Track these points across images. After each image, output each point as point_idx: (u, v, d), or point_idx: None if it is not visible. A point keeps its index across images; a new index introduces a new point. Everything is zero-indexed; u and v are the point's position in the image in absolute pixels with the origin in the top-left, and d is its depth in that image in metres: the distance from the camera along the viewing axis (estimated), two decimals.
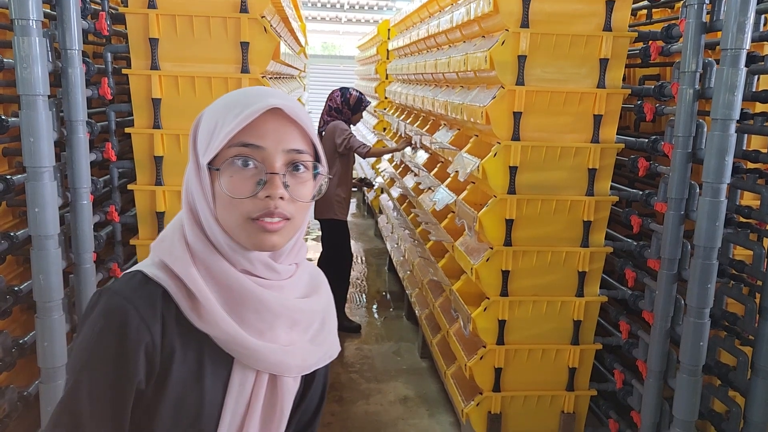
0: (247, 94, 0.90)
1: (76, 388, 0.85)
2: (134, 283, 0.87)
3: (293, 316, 0.93)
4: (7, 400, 2.23)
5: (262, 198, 0.86)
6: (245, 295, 0.88)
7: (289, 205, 0.88)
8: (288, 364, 0.92)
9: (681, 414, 2.35)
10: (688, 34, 2.29)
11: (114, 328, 0.84)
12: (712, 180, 2.18)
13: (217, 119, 0.88)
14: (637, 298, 2.70)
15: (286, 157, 0.88)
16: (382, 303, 5.11)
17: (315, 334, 0.97)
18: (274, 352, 0.90)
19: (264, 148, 0.87)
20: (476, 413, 2.88)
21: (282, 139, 0.88)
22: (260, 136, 0.87)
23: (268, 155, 0.87)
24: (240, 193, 0.86)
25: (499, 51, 2.53)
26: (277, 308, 0.90)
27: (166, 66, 2.61)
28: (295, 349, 0.93)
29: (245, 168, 0.86)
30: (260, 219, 0.86)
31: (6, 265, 2.51)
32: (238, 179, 0.86)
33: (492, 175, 2.64)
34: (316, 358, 0.96)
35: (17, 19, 2.00)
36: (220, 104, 0.91)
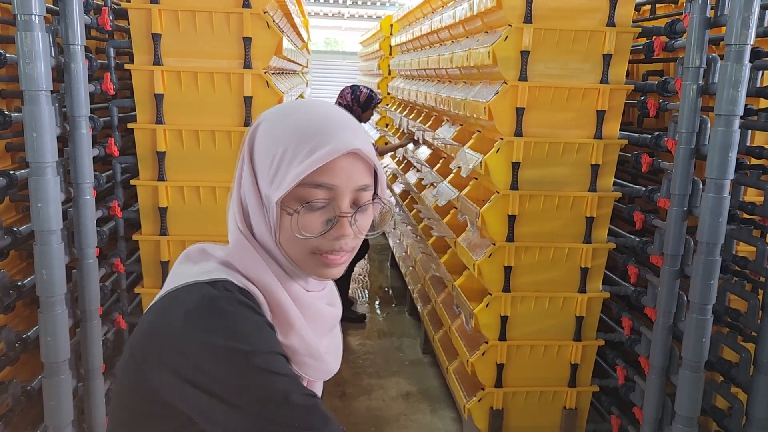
0: (319, 124, 0.85)
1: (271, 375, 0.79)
2: (233, 291, 0.84)
3: (333, 323, 0.98)
4: (10, 394, 2.24)
5: (330, 238, 0.86)
6: (310, 307, 0.91)
7: (354, 240, 0.88)
8: (333, 369, 0.97)
9: (683, 410, 2.35)
10: (692, 29, 2.29)
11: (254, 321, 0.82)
12: (716, 176, 2.17)
13: (286, 147, 0.84)
14: (640, 294, 2.70)
15: (355, 195, 0.87)
16: (385, 299, 5.12)
17: (335, 335, 1.01)
18: (330, 361, 0.95)
19: (335, 188, 0.85)
20: (478, 409, 2.89)
21: (352, 178, 0.86)
22: (333, 176, 0.84)
23: (339, 195, 0.85)
24: (309, 231, 0.85)
25: (502, 46, 2.52)
26: (331, 319, 0.96)
27: (168, 61, 2.61)
28: (334, 356, 0.98)
29: (315, 208, 0.85)
30: (326, 254, 0.87)
31: (9, 260, 2.52)
32: (307, 218, 0.85)
33: (495, 170, 2.63)
34: (339, 359, 1.01)
35: (20, 14, 2.00)
36: (289, 126, 0.86)
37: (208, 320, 0.79)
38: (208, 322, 0.79)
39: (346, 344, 4.17)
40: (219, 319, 0.79)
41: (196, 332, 0.79)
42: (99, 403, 2.53)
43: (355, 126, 0.88)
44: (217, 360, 0.78)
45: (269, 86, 2.65)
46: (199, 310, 0.80)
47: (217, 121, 2.66)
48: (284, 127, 0.86)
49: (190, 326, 0.79)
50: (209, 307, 0.80)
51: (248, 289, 0.86)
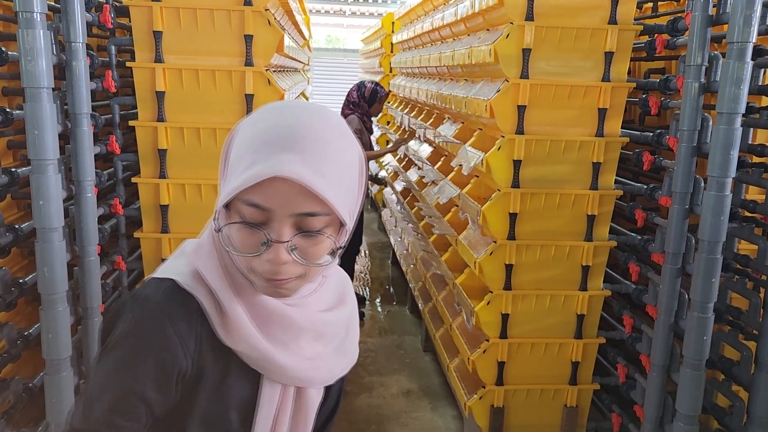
0: (272, 137, 0.79)
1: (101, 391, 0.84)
2: (171, 295, 0.85)
3: (318, 329, 0.92)
4: (12, 391, 2.24)
5: (264, 261, 0.81)
6: (270, 311, 0.87)
7: (298, 267, 0.82)
8: (313, 377, 0.92)
9: (684, 408, 2.36)
10: (694, 27, 2.28)
11: (150, 347, 0.83)
12: (717, 174, 2.17)
13: (239, 154, 0.81)
14: (641, 293, 2.69)
15: (298, 221, 0.80)
16: (386, 296, 5.12)
17: (340, 344, 0.96)
18: (301, 367, 0.90)
19: (270, 211, 0.79)
20: (479, 407, 2.89)
21: (290, 204, 0.78)
22: (266, 198, 0.78)
23: (274, 219, 0.79)
24: (244, 249, 0.81)
25: (504, 44, 2.52)
26: (302, 323, 0.89)
27: (170, 59, 2.61)
28: (321, 363, 0.92)
29: (250, 227, 0.80)
30: (266, 278, 0.83)
31: (11, 258, 2.52)
32: (244, 234, 0.81)
33: (496, 168, 2.63)
34: (340, 368, 0.97)
35: (21, 11, 2.00)
36: (252, 132, 0.82)
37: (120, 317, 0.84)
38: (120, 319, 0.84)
39: None
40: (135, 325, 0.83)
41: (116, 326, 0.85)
42: None
43: (313, 147, 0.79)
44: (99, 361, 0.85)
45: (270, 84, 2.65)
46: (128, 306, 0.85)
47: (218, 119, 2.66)
48: (250, 131, 0.82)
49: (115, 318, 0.85)
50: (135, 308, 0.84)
51: (192, 293, 0.85)
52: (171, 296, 0.85)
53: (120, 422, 0.82)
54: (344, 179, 0.82)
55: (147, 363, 0.83)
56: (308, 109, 0.83)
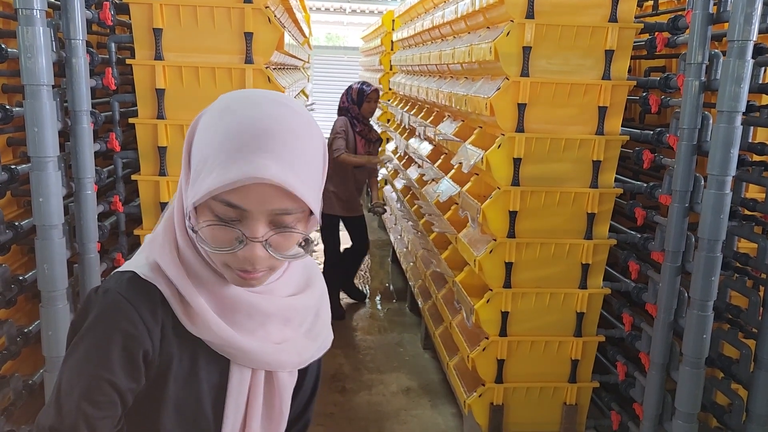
0: (246, 137, 0.79)
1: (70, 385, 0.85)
2: (134, 285, 0.87)
3: (285, 314, 0.93)
4: (12, 388, 2.25)
5: (240, 257, 0.82)
6: (235, 300, 0.88)
7: (270, 260, 0.84)
8: (282, 360, 0.93)
9: (683, 406, 2.36)
10: (694, 25, 2.28)
11: (117, 332, 0.84)
12: (717, 172, 2.17)
13: (209, 153, 0.81)
14: (641, 291, 2.70)
15: (272, 218, 0.82)
16: (385, 294, 5.12)
17: (309, 328, 0.97)
18: (268, 351, 0.91)
19: (247, 211, 0.80)
20: (478, 404, 2.89)
21: (266, 203, 0.80)
22: (243, 198, 0.79)
23: (250, 217, 0.81)
24: (219, 245, 0.82)
25: (504, 42, 2.52)
26: (268, 309, 0.91)
27: (170, 56, 2.61)
28: (289, 346, 0.93)
29: (226, 224, 0.81)
30: (238, 270, 0.84)
31: (11, 255, 2.52)
32: (217, 231, 0.82)
33: (496, 166, 2.63)
34: (311, 352, 0.97)
35: (21, 8, 2.00)
36: (221, 128, 0.81)
37: (86, 311, 0.87)
38: (86, 313, 0.86)
39: (346, 340, 4.18)
40: (101, 316, 0.85)
41: (79, 319, 0.87)
42: None
43: (285, 144, 0.80)
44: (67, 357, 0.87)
45: (270, 82, 2.65)
46: (91, 298, 0.88)
47: None
48: (218, 127, 0.82)
49: (81, 310, 0.89)
50: (97, 300, 0.86)
51: (153, 283, 0.86)
52: (133, 286, 0.86)
53: (93, 412, 0.84)
54: (312, 169, 0.84)
55: (114, 349, 0.84)
56: (272, 99, 0.84)
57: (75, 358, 0.86)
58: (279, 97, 0.85)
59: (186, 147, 0.87)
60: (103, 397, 0.84)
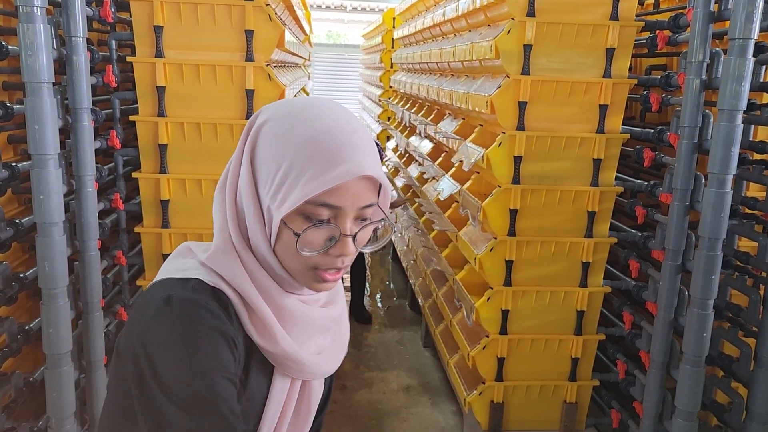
0: (331, 141, 0.82)
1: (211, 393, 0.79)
2: (201, 290, 0.84)
3: (326, 324, 0.96)
4: (12, 385, 2.25)
5: (331, 255, 0.85)
6: (293, 312, 0.90)
7: (351, 257, 0.87)
8: (323, 371, 0.96)
9: (683, 405, 2.36)
10: (695, 23, 2.28)
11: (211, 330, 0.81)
12: (718, 171, 2.17)
13: (293, 161, 0.82)
14: (641, 289, 2.70)
15: (359, 214, 0.86)
16: (386, 292, 5.13)
17: (335, 336, 1.00)
18: (314, 362, 0.93)
19: (341, 208, 0.83)
20: (478, 402, 2.90)
21: (358, 197, 0.84)
22: (339, 197, 0.82)
23: (344, 214, 0.84)
24: (310, 248, 0.84)
25: (505, 40, 2.51)
26: (317, 320, 0.94)
27: (170, 54, 2.60)
28: (326, 356, 0.96)
29: (318, 225, 0.83)
30: (324, 270, 0.87)
31: (11, 252, 2.52)
32: (310, 235, 0.83)
33: (496, 164, 2.63)
34: (339, 359, 1.00)
35: (22, 5, 2.00)
36: (297, 136, 0.82)
37: (171, 322, 0.80)
38: (171, 324, 0.80)
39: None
40: (181, 323, 0.80)
41: (160, 331, 0.80)
42: (101, 395, 2.54)
43: (366, 143, 0.86)
44: (167, 365, 0.79)
45: (271, 79, 2.64)
46: (166, 308, 0.81)
47: (218, 114, 2.66)
48: (292, 136, 0.83)
49: (155, 324, 0.81)
50: (176, 306, 0.81)
51: (220, 288, 0.85)
52: (203, 292, 0.84)
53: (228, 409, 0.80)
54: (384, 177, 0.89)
55: (215, 346, 0.81)
56: (333, 108, 0.87)
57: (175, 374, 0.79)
58: (334, 104, 0.89)
59: (248, 157, 0.86)
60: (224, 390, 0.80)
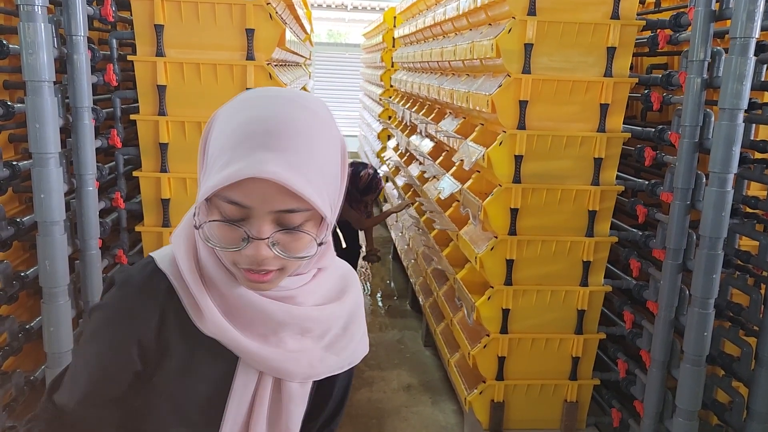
0: (249, 133, 0.78)
1: (76, 368, 0.93)
2: (145, 273, 0.89)
3: (303, 324, 0.90)
4: (13, 384, 2.25)
5: (246, 255, 0.80)
6: (245, 303, 0.87)
7: (278, 260, 0.82)
8: (291, 370, 0.90)
9: (684, 404, 2.36)
10: (696, 22, 2.27)
11: (115, 319, 0.89)
12: (719, 170, 2.17)
13: (217, 149, 0.80)
14: (642, 288, 2.70)
15: (278, 217, 0.79)
16: (386, 291, 5.13)
17: (333, 341, 0.94)
18: (277, 358, 0.88)
19: (249, 208, 0.78)
20: (479, 401, 2.90)
21: (268, 201, 0.78)
22: (245, 196, 0.78)
23: (254, 216, 0.79)
24: (225, 243, 0.81)
25: (506, 39, 2.51)
26: (283, 317, 0.88)
27: (171, 53, 2.60)
28: (302, 356, 0.90)
29: (231, 222, 0.80)
30: (246, 270, 0.82)
31: (12, 251, 2.52)
32: (224, 230, 0.80)
33: (497, 164, 2.63)
34: (329, 366, 0.93)
35: (23, 4, 2.00)
36: (230, 125, 0.80)
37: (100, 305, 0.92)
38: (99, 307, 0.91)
39: None
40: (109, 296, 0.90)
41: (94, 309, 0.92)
42: None
43: (293, 142, 0.78)
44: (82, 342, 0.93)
45: (272, 78, 2.64)
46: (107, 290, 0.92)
47: None
48: (230, 124, 0.80)
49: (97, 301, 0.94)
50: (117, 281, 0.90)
51: (165, 272, 0.88)
52: (146, 276, 0.89)
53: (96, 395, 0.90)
54: (325, 172, 0.81)
55: (112, 332, 0.89)
56: (288, 99, 0.81)
57: (83, 338, 0.92)
58: (298, 97, 0.83)
59: (202, 143, 0.86)
60: (106, 377, 0.90)
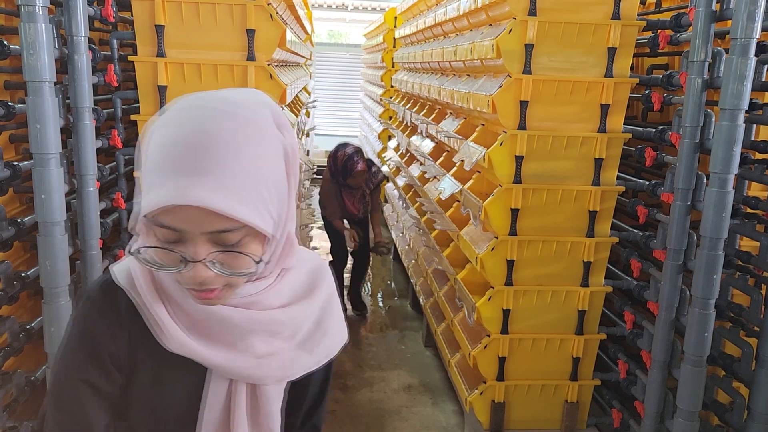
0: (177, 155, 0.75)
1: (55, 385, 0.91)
2: (104, 290, 0.90)
3: (267, 328, 0.88)
4: (14, 384, 2.25)
5: (185, 277, 0.79)
6: (207, 313, 0.85)
7: (222, 278, 0.80)
8: (261, 375, 0.89)
9: (684, 404, 2.36)
10: (697, 22, 2.27)
11: (83, 334, 0.89)
12: (720, 170, 2.17)
13: (146, 167, 0.78)
14: (642, 289, 2.69)
15: (211, 237, 0.77)
16: (387, 292, 5.13)
17: (306, 338, 0.92)
18: (245, 365, 0.87)
19: (183, 232, 0.76)
20: (480, 402, 2.89)
21: (202, 225, 0.76)
22: (176, 220, 0.76)
23: (188, 239, 0.77)
24: (166, 263, 0.79)
25: (507, 39, 2.51)
26: (246, 324, 0.86)
27: (171, 53, 2.60)
28: (272, 360, 0.88)
29: (165, 249, 0.78)
30: (191, 288, 0.81)
31: (13, 251, 2.52)
32: (161, 253, 0.79)
33: (498, 164, 2.63)
34: (304, 364, 0.92)
35: (23, 5, 2.00)
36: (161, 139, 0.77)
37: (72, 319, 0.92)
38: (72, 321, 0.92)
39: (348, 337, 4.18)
40: (74, 323, 0.91)
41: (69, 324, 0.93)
42: None
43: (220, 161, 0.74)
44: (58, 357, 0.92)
45: (272, 79, 2.64)
46: (78, 305, 0.93)
47: None
48: (155, 141, 0.78)
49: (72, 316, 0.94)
50: (80, 306, 0.92)
51: (125, 290, 0.87)
52: (103, 292, 0.90)
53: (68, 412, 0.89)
54: (263, 182, 0.78)
55: (84, 350, 0.89)
56: (216, 109, 0.78)
57: (58, 359, 0.92)
58: (229, 104, 0.79)
59: (137, 152, 0.85)
60: (80, 394, 0.88)
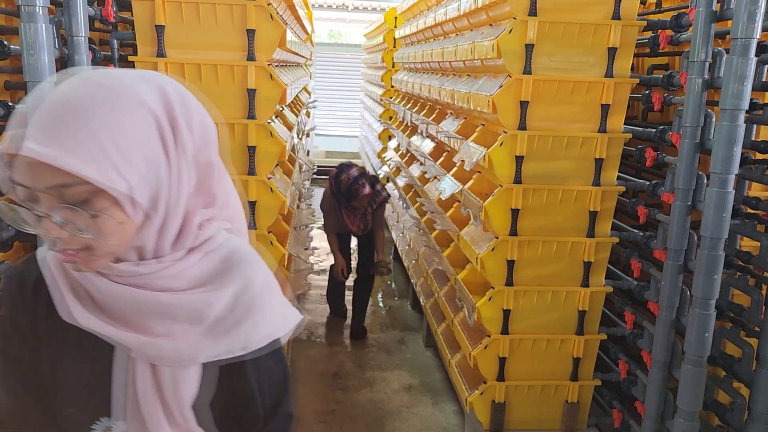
0: (35, 114, 0.77)
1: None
2: (23, 264, 0.95)
3: (158, 310, 0.86)
4: None
5: (42, 234, 0.79)
6: (105, 289, 0.85)
7: (77, 240, 0.79)
8: (154, 354, 0.87)
9: (685, 404, 2.36)
10: (697, 23, 2.27)
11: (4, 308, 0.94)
12: (720, 170, 2.17)
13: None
14: (643, 289, 2.69)
15: (56, 194, 0.77)
16: (387, 292, 5.13)
17: (215, 324, 0.88)
18: (136, 342, 0.86)
19: (31, 189, 0.77)
20: (480, 402, 2.89)
21: (38, 178, 0.76)
22: (19, 174, 0.77)
23: (32, 194, 0.77)
24: (31, 223, 0.80)
25: (507, 39, 2.51)
26: (130, 302, 0.85)
27: (172, 53, 2.60)
28: (167, 341, 0.87)
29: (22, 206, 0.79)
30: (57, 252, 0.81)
31: (13, 252, 2.52)
32: (23, 210, 0.79)
33: (498, 164, 2.63)
34: (206, 351, 0.88)
35: (24, 5, 2.00)
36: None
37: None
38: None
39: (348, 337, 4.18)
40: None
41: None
42: None
43: (61, 121, 0.76)
44: None
45: (273, 79, 2.64)
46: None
47: (220, 114, 2.66)
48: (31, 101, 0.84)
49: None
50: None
51: (39, 263, 0.91)
52: (24, 265, 0.94)
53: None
54: (110, 146, 0.77)
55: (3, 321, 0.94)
56: (90, 79, 0.80)
57: None
58: (105, 77, 0.81)
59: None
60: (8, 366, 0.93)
